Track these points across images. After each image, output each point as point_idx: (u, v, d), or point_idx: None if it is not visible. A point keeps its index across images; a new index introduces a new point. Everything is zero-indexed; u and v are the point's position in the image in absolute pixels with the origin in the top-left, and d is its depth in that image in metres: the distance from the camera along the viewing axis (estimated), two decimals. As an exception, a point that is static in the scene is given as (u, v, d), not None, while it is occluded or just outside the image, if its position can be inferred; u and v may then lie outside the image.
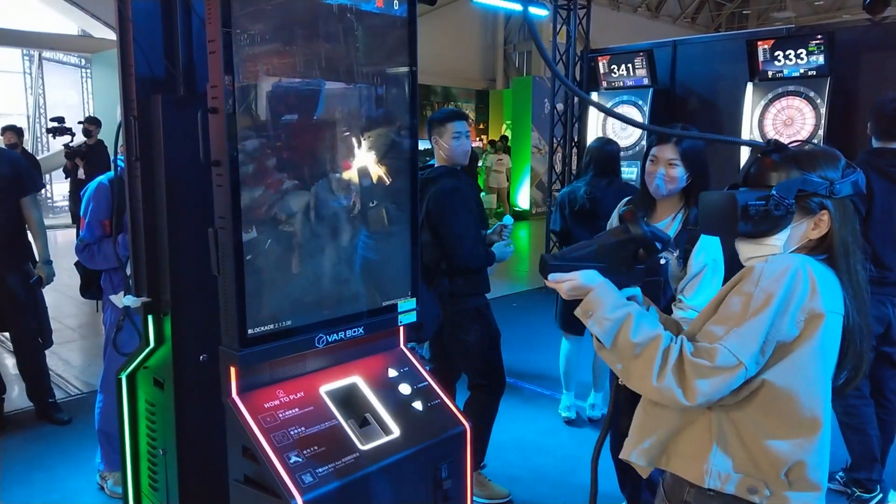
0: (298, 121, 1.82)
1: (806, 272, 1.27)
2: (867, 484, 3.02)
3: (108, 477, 3.21)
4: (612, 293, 1.37)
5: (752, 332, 1.25)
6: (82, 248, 2.90)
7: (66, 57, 14.45)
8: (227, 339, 1.72)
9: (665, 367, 1.26)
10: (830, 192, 1.31)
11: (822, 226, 1.33)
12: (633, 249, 1.41)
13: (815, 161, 1.33)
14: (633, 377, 1.31)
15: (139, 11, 1.92)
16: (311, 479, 1.64)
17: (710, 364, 1.24)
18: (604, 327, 1.33)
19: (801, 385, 1.29)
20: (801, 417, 1.29)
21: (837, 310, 1.30)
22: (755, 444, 1.32)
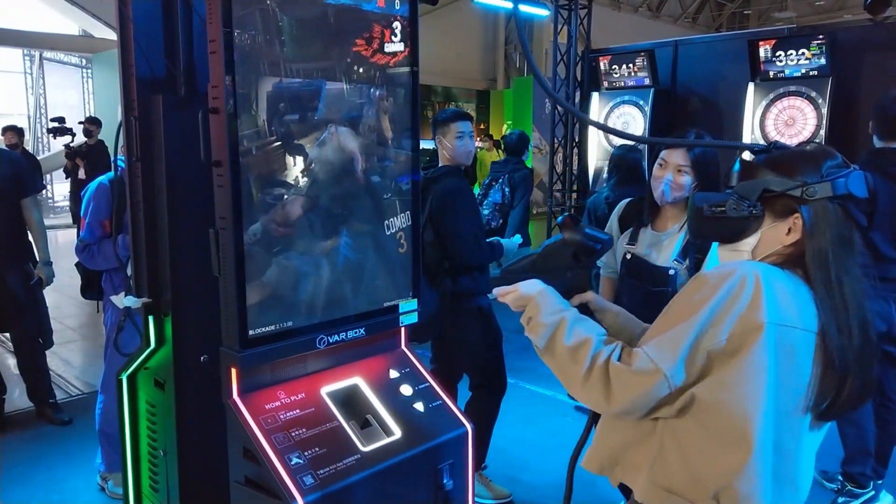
0: (299, 121, 1.81)
1: (752, 279, 1.17)
2: (859, 479, 3.02)
3: (108, 478, 3.21)
4: (551, 299, 1.35)
5: (677, 338, 1.18)
6: (82, 248, 2.90)
7: (67, 57, 14.45)
8: (227, 340, 1.71)
9: (592, 371, 1.22)
10: (803, 195, 1.21)
11: (796, 231, 1.24)
12: (572, 253, 1.43)
13: (791, 162, 1.25)
14: (566, 381, 1.29)
15: (140, 11, 1.91)
16: (313, 480, 1.63)
17: (627, 368, 1.19)
18: (538, 333, 1.32)
19: (730, 403, 1.17)
20: (730, 439, 1.19)
21: (794, 324, 1.18)
22: (692, 462, 1.23)
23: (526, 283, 1.40)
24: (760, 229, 1.26)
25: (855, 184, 1.22)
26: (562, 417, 4.12)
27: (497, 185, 5.63)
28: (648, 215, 2.38)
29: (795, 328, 1.18)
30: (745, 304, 1.16)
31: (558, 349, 1.29)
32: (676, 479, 1.26)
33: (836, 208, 1.22)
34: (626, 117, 6.84)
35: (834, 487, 3.23)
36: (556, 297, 1.37)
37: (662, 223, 2.38)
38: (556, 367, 1.31)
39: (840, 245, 1.22)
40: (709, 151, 2.26)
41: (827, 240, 1.21)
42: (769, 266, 1.23)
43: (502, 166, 5.78)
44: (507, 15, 16.69)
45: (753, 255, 1.28)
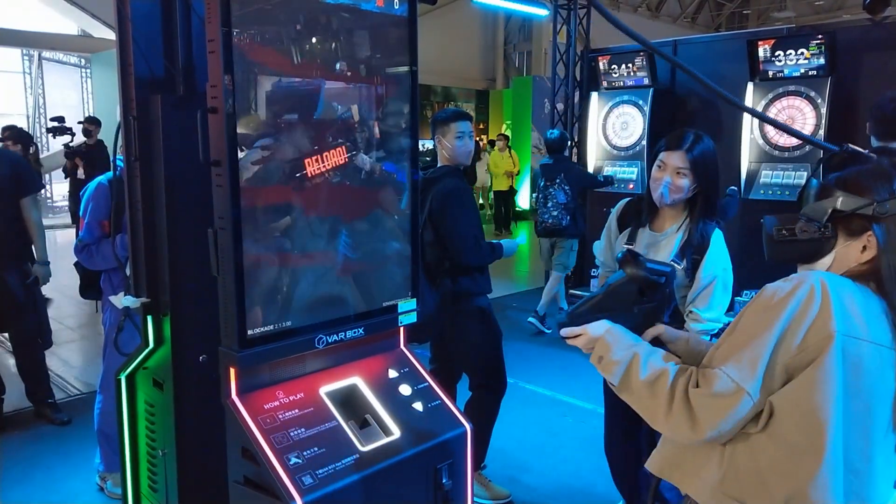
0: (298, 120, 1.81)
1: (819, 288, 1.18)
2: None
3: (107, 478, 3.20)
4: (620, 337, 1.36)
5: (755, 355, 1.18)
6: (81, 248, 2.90)
7: (66, 57, 14.45)
8: (226, 340, 1.71)
9: (673, 402, 1.22)
10: (874, 212, 1.22)
11: (871, 248, 1.25)
12: (637, 289, 1.42)
13: (862, 180, 1.26)
14: (648, 416, 1.29)
15: (138, 11, 1.91)
16: (311, 480, 1.63)
17: (708, 392, 1.19)
18: (611, 371, 1.33)
19: (804, 412, 1.18)
20: (803, 446, 1.19)
21: (862, 336, 1.18)
22: (764, 471, 1.24)
23: (593, 325, 1.40)
24: (835, 249, 1.28)
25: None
26: (561, 418, 4.12)
27: (556, 185, 5.84)
28: (647, 216, 2.38)
29: (864, 341, 1.19)
30: (815, 313, 1.17)
31: (634, 385, 1.29)
32: (746, 487, 1.26)
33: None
34: (626, 117, 6.84)
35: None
36: (625, 334, 1.37)
37: (660, 224, 2.38)
38: (636, 404, 1.31)
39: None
40: (707, 153, 2.26)
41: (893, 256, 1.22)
42: (836, 276, 1.24)
43: (555, 166, 5.96)
44: (507, 15, 16.69)
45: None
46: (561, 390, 4.49)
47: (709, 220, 2.29)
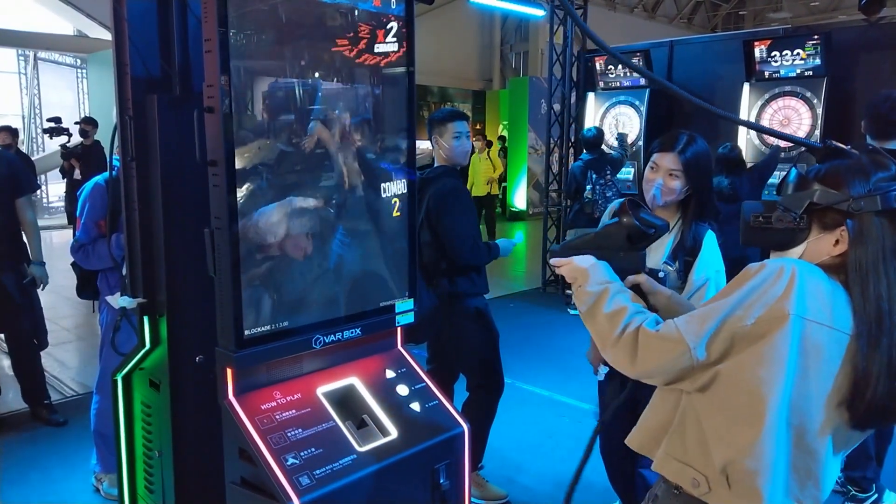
0: (294, 121, 1.81)
1: (788, 272, 1.22)
2: (862, 482, 3.02)
3: (103, 479, 3.19)
4: (600, 272, 1.45)
5: (707, 316, 1.25)
6: (77, 248, 2.89)
7: (62, 57, 14.41)
8: (223, 341, 1.71)
9: (624, 333, 1.31)
10: (849, 208, 1.24)
11: (843, 243, 1.26)
12: (626, 235, 1.51)
13: (840, 175, 1.27)
14: (600, 343, 1.38)
15: (135, 11, 1.91)
16: (309, 481, 1.63)
17: (655, 333, 1.28)
18: (583, 299, 1.42)
19: (747, 382, 1.24)
20: (743, 416, 1.25)
21: (824, 321, 1.22)
22: (706, 436, 1.30)
23: (580, 258, 1.50)
24: (807, 240, 1.30)
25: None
26: (559, 418, 4.12)
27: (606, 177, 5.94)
28: None
29: (825, 326, 1.22)
30: (776, 293, 1.21)
31: (598, 315, 1.38)
32: (690, 451, 1.33)
33: (884, 222, 1.23)
34: (622, 117, 6.85)
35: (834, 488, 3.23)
36: (605, 271, 1.46)
37: None
38: (594, 331, 1.40)
39: (885, 259, 1.23)
40: (701, 155, 2.25)
41: (869, 253, 1.23)
42: (811, 265, 1.27)
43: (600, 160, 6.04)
44: (503, 15, 16.70)
45: None
46: (558, 391, 4.49)
47: (701, 222, 2.29)
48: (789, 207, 1.29)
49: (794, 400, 1.23)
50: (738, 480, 1.26)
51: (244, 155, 1.68)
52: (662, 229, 1.55)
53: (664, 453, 1.38)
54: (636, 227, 1.50)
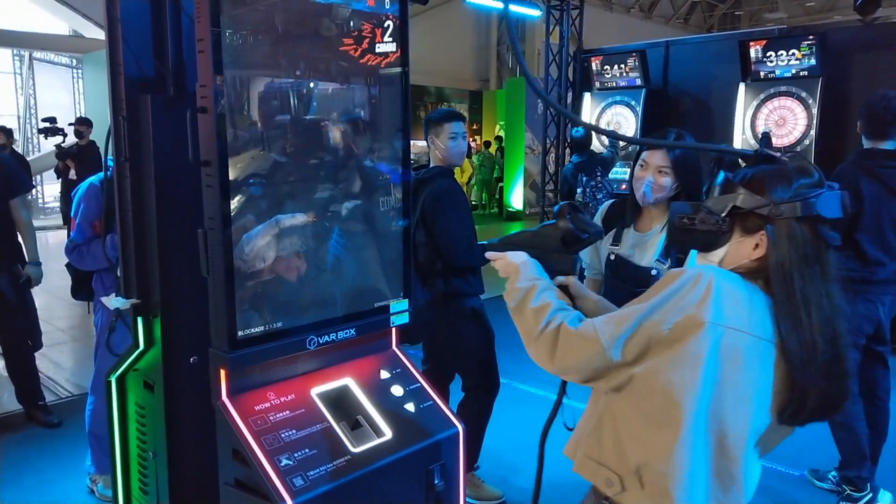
0: (288, 121, 1.80)
1: (706, 280, 1.23)
2: (857, 482, 3.03)
3: (98, 480, 3.19)
4: (530, 270, 1.47)
5: (624, 318, 1.27)
6: (72, 248, 2.88)
7: (57, 57, 14.37)
8: (216, 341, 1.70)
9: (546, 329, 1.34)
10: (770, 213, 1.25)
11: (762, 247, 1.27)
12: (560, 237, 1.54)
13: (763, 180, 1.28)
14: (524, 338, 1.40)
15: (128, 10, 1.90)
16: (302, 482, 1.62)
17: (574, 331, 1.30)
18: (512, 296, 1.45)
19: (661, 387, 1.24)
20: (657, 418, 1.26)
21: (741, 328, 1.22)
22: (621, 437, 1.32)
23: (514, 253, 1.53)
24: (729, 243, 1.31)
25: (825, 205, 1.23)
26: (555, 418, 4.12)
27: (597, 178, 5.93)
28: (631, 216, 2.38)
29: (743, 332, 1.22)
30: (693, 301, 1.22)
31: (525, 311, 1.41)
32: (606, 451, 1.35)
33: (804, 228, 1.24)
34: (618, 117, 6.86)
35: (825, 486, 3.24)
36: (536, 269, 1.49)
37: (645, 224, 2.37)
38: (520, 326, 1.42)
39: (806, 264, 1.24)
40: (689, 153, 2.26)
41: (789, 258, 1.24)
42: (730, 273, 1.29)
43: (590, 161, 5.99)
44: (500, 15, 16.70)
45: (721, 266, 1.33)
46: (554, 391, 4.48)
47: None
48: (713, 210, 1.31)
49: (712, 406, 1.23)
50: (650, 482, 1.27)
51: (238, 155, 1.67)
52: (596, 235, 1.58)
53: (582, 454, 1.40)
54: (571, 231, 1.53)
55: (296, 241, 1.81)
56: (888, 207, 2.94)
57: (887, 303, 3.01)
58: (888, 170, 2.92)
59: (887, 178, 2.92)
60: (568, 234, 1.53)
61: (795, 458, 3.52)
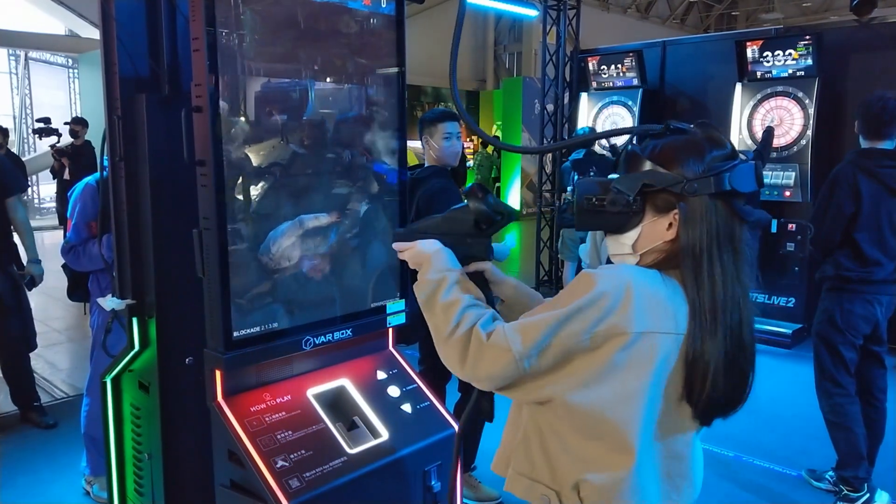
0: (284, 120, 1.80)
1: (624, 287, 1.13)
2: (854, 482, 3.02)
3: (93, 481, 3.17)
4: (442, 259, 1.34)
5: (540, 325, 1.15)
6: (68, 249, 2.87)
7: (53, 57, 14.33)
8: (211, 342, 1.70)
9: (456, 331, 1.22)
10: (683, 190, 1.15)
11: (675, 226, 1.18)
12: (473, 220, 1.41)
13: (673, 154, 1.18)
14: (434, 336, 1.29)
15: (123, 10, 1.89)
16: (298, 483, 1.62)
17: (484, 340, 1.19)
18: (422, 288, 1.32)
19: (592, 403, 1.15)
20: (590, 432, 1.18)
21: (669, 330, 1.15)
22: (551, 452, 1.24)
23: (425, 242, 1.39)
24: (641, 223, 1.20)
25: (740, 179, 1.14)
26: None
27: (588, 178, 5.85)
28: None
29: (671, 334, 1.15)
30: (612, 309, 1.13)
31: (435, 306, 1.28)
32: (537, 466, 1.26)
33: (718, 205, 1.15)
34: (615, 117, 6.86)
35: (822, 486, 3.24)
36: (449, 258, 1.36)
37: None
38: (431, 323, 1.30)
39: (718, 243, 1.15)
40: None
41: (700, 237, 1.15)
42: (647, 272, 1.18)
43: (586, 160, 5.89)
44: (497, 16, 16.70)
45: (634, 249, 1.23)
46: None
47: None
48: (623, 190, 1.18)
49: (658, 416, 1.17)
50: (590, 496, 1.19)
51: (234, 154, 1.66)
52: (511, 216, 1.46)
53: (512, 471, 1.31)
54: (484, 212, 1.40)
55: (319, 241, 1.80)
56: (887, 207, 2.94)
57: (885, 303, 3.01)
58: (887, 169, 2.92)
59: (886, 178, 2.92)
60: (481, 215, 1.40)
61: (793, 458, 3.53)
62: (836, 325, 3.03)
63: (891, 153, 2.93)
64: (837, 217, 2.97)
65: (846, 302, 3.00)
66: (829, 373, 3.07)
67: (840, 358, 3.04)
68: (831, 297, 3.07)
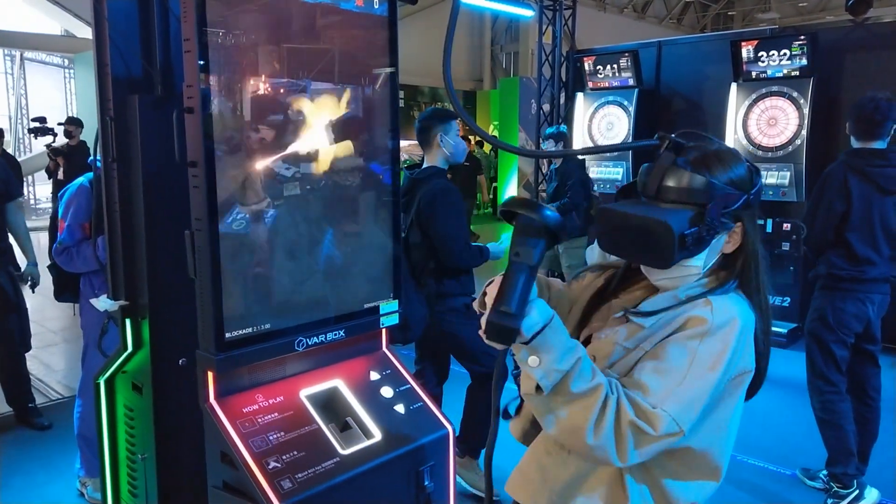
0: (278, 121, 1.79)
1: (751, 331, 1.18)
2: (843, 479, 3.04)
3: (87, 483, 3.16)
4: (561, 333, 1.10)
5: (697, 396, 1.11)
6: (61, 251, 2.85)
7: (49, 57, 14.30)
8: (203, 343, 1.69)
9: (602, 423, 1.07)
10: (748, 203, 1.17)
11: (735, 240, 1.20)
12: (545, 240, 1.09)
13: (728, 165, 1.18)
14: (563, 429, 1.10)
15: (115, 10, 1.89)
16: (291, 484, 1.62)
17: (653, 433, 1.08)
18: (552, 378, 1.08)
19: (717, 442, 1.20)
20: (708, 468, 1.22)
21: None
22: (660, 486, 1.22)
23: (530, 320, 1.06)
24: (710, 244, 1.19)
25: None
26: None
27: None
28: None
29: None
30: (743, 355, 1.17)
31: (564, 392, 1.08)
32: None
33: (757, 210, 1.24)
34: (611, 118, 6.86)
35: (816, 485, 3.25)
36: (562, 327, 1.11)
37: None
38: (551, 412, 1.11)
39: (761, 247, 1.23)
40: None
41: (757, 246, 1.21)
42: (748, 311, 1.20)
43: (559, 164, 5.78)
44: (493, 16, 16.70)
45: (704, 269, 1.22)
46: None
47: None
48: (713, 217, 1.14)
49: None
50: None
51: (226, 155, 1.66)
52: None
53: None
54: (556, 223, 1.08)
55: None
56: (878, 206, 2.95)
57: (877, 301, 3.02)
58: (878, 169, 2.93)
59: (877, 178, 2.93)
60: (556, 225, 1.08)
61: (787, 457, 3.53)
62: (827, 324, 3.04)
63: (881, 153, 2.94)
64: (829, 216, 2.98)
65: (838, 300, 3.01)
66: (820, 371, 3.08)
67: (831, 356, 3.05)
68: (823, 295, 3.08)
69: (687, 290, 1.20)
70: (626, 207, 1.20)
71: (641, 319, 1.21)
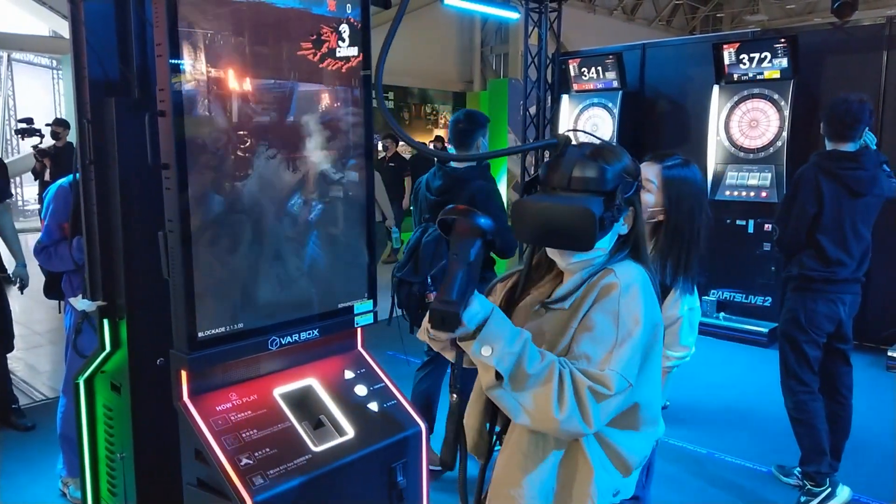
0: (251, 124, 1.82)
1: (649, 286, 1.34)
2: (816, 477, 3.08)
3: (69, 482, 3.18)
4: (505, 321, 1.20)
5: (632, 351, 1.24)
6: (40, 249, 2.90)
7: (37, 58, 14.23)
8: (177, 343, 1.72)
9: (564, 396, 1.16)
10: (637, 189, 1.35)
11: (629, 222, 1.36)
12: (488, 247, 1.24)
13: (619, 157, 1.33)
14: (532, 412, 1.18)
15: (92, 13, 1.91)
16: (262, 480, 1.65)
17: (609, 392, 1.18)
18: (507, 361, 1.16)
19: (653, 393, 1.33)
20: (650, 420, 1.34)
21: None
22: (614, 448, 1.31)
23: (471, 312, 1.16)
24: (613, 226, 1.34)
25: None
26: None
27: None
28: None
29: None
30: (653, 307, 1.32)
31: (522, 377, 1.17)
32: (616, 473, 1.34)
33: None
34: (596, 119, 6.92)
35: (791, 482, 3.30)
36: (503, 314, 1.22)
37: None
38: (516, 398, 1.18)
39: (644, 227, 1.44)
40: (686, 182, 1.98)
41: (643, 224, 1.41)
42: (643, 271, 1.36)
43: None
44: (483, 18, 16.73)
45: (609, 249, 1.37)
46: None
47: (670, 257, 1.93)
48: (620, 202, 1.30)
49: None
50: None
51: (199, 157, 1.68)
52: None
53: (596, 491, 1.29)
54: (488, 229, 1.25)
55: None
56: (849, 208, 3.00)
57: (848, 301, 3.07)
58: (848, 171, 2.98)
59: (848, 180, 2.98)
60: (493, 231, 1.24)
61: (764, 454, 3.59)
62: (799, 325, 3.08)
63: (852, 155, 2.98)
64: (801, 218, 3.02)
65: (809, 301, 3.06)
66: (793, 371, 3.13)
67: (804, 356, 3.09)
68: (795, 297, 3.12)
69: (588, 269, 1.36)
70: (544, 199, 1.31)
71: (560, 304, 1.33)
